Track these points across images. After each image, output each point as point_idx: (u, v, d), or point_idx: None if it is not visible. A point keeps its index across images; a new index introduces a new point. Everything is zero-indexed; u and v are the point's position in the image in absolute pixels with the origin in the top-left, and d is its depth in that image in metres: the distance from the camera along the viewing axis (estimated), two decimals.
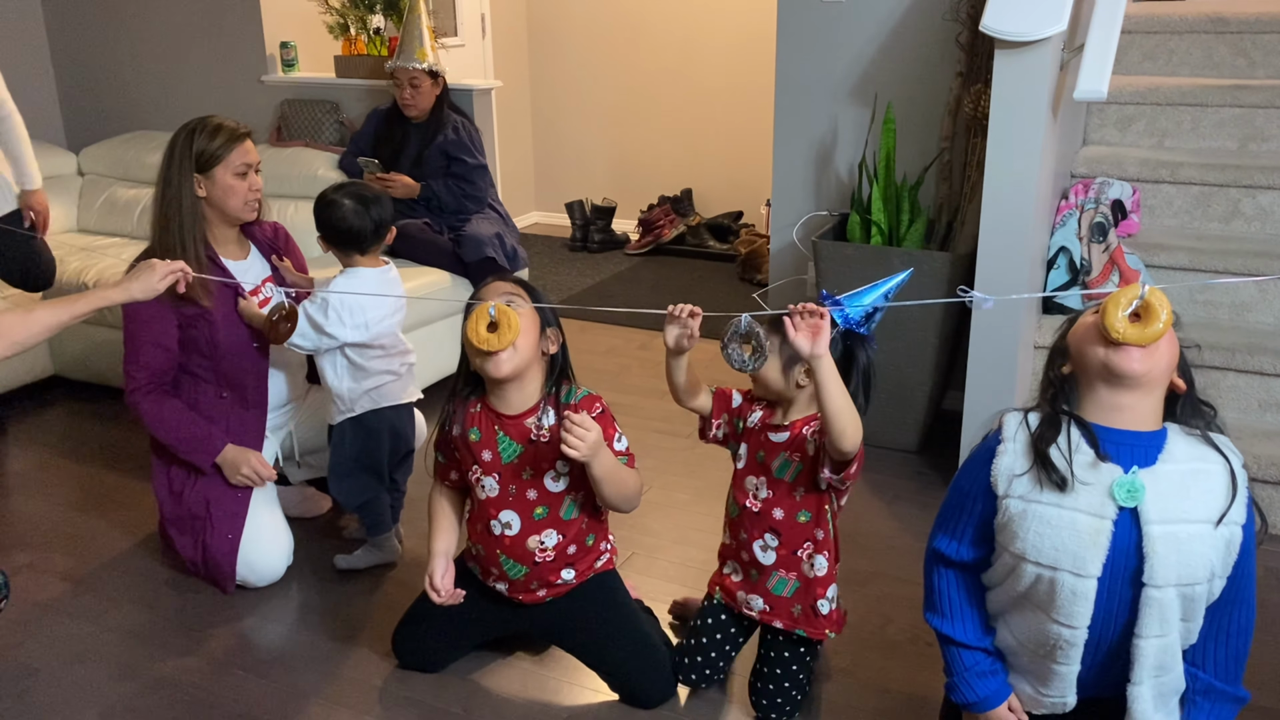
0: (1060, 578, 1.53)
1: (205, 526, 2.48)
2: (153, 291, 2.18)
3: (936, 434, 3.27)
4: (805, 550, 2.00)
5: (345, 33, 4.32)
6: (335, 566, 2.60)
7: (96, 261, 3.67)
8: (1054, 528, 1.53)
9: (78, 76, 4.81)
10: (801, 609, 2.03)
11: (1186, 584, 1.49)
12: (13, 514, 2.92)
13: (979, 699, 1.69)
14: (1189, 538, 1.48)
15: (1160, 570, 1.49)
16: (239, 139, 2.48)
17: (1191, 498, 1.50)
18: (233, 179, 2.47)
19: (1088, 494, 1.51)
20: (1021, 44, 2.58)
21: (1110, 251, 2.99)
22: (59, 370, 3.77)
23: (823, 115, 3.47)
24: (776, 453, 1.98)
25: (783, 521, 2.00)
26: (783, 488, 1.98)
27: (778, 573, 2.02)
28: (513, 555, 2.09)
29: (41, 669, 2.25)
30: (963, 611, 1.71)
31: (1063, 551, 1.52)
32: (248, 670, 2.24)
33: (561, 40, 6.06)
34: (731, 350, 1.86)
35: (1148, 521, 1.49)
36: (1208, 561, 1.49)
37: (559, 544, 2.08)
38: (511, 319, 1.92)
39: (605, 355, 4.08)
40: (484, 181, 3.82)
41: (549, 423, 2.03)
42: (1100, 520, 1.50)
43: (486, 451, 2.06)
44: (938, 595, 1.73)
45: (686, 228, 5.60)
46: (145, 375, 2.47)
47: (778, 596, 2.03)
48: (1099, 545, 1.50)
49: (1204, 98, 3.34)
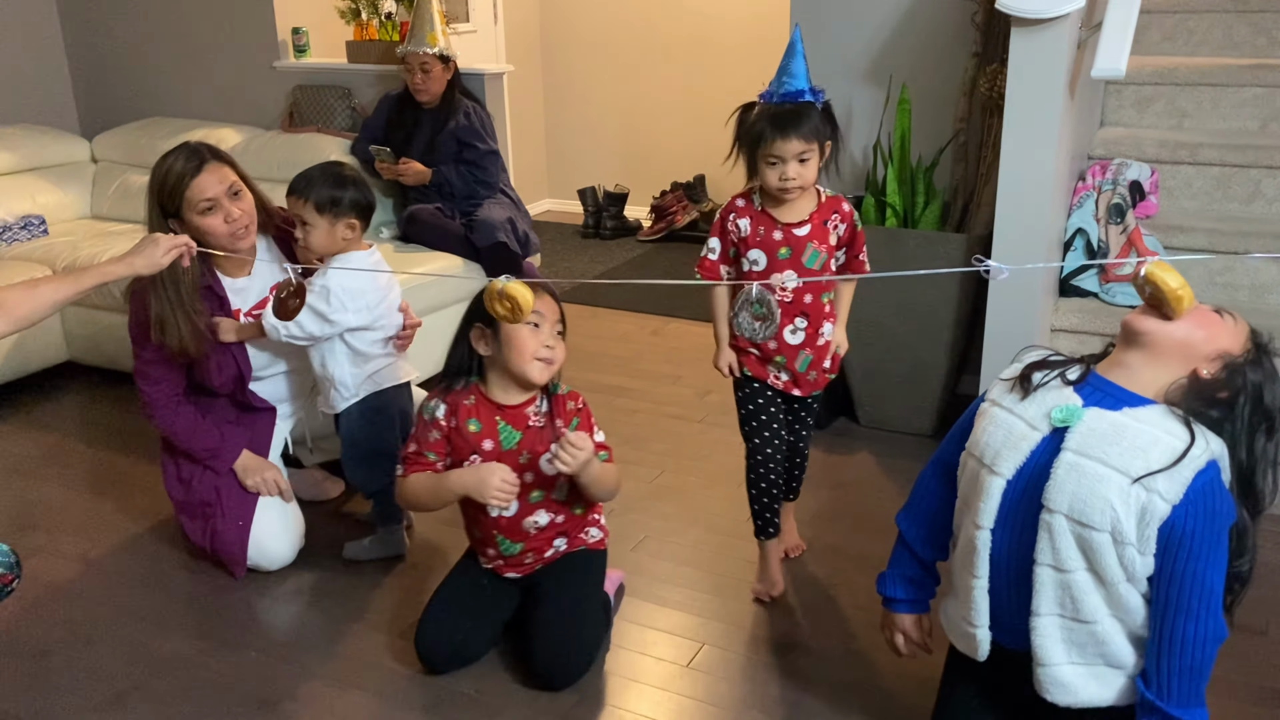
0: (981, 472, 1.61)
1: (215, 513, 2.48)
2: (156, 266, 2.17)
3: (952, 418, 3.21)
4: (818, 326, 2.22)
5: (357, 18, 4.30)
6: (343, 556, 2.58)
7: (109, 247, 3.67)
8: (996, 426, 1.62)
9: (91, 64, 4.81)
10: (816, 374, 2.28)
11: (1080, 521, 1.50)
12: (27, 497, 2.93)
13: (890, 596, 1.86)
14: (1094, 476, 1.49)
15: (1054, 493, 1.52)
16: (197, 170, 2.32)
17: (1119, 445, 1.49)
18: (199, 218, 2.33)
19: (1035, 406, 1.60)
20: (1038, 21, 2.54)
21: (1128, 233, 2.96)
22: (73, 355, 3.77)
23: (837, 97, 3.41)
24: (804, 245, 2.16)
25: (811, 305, 2.20)
26: (811, 274, 2.16)
27: (803, 352, 2.22)
28: (509, 535, 2.13)
29: (54, 650, 2.25)
30: (923, 517, 1.83)
31: (988, 448, 1.61)
32: (260, 652, 2.24)
33: (574, 26, 6.04)
34: (742, 319, 2.05)
35: (1066, 448, 1.52)
36: (1109, 509, 1.47)
37: (552, 521, 2.14)
38: (523, 293, 1.90)
39: (618, 340, 4.06)
40: (495, 166, 3.81)
41: (544, 410, 2.10)
42: (1031, 430, 1.58)
43: (487, 441, 2.07)
44: (914, 493, 1.86)
45: (700, 214, 5.57)
46: (157, 391, 2.47)
47: (800, 373, 2.25)
48: (1019, 450, 1.57)
49: (1224, 77, 3.29)
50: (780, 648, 2.23)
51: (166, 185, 2.33)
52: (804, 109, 2.09)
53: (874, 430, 3.24)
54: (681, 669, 2.17)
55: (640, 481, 2.92)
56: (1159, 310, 1.53)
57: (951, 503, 1.76)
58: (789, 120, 2.07)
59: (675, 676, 2.14)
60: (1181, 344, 1.53)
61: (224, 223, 2.36)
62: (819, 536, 2.65)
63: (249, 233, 2.43)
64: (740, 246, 2.22)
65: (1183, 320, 1.53)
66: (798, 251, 2.15)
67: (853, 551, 2.57)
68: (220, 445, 2.50)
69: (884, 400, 3.23)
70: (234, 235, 2.39)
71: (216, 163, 2.38)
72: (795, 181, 2.09)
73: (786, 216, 2.17)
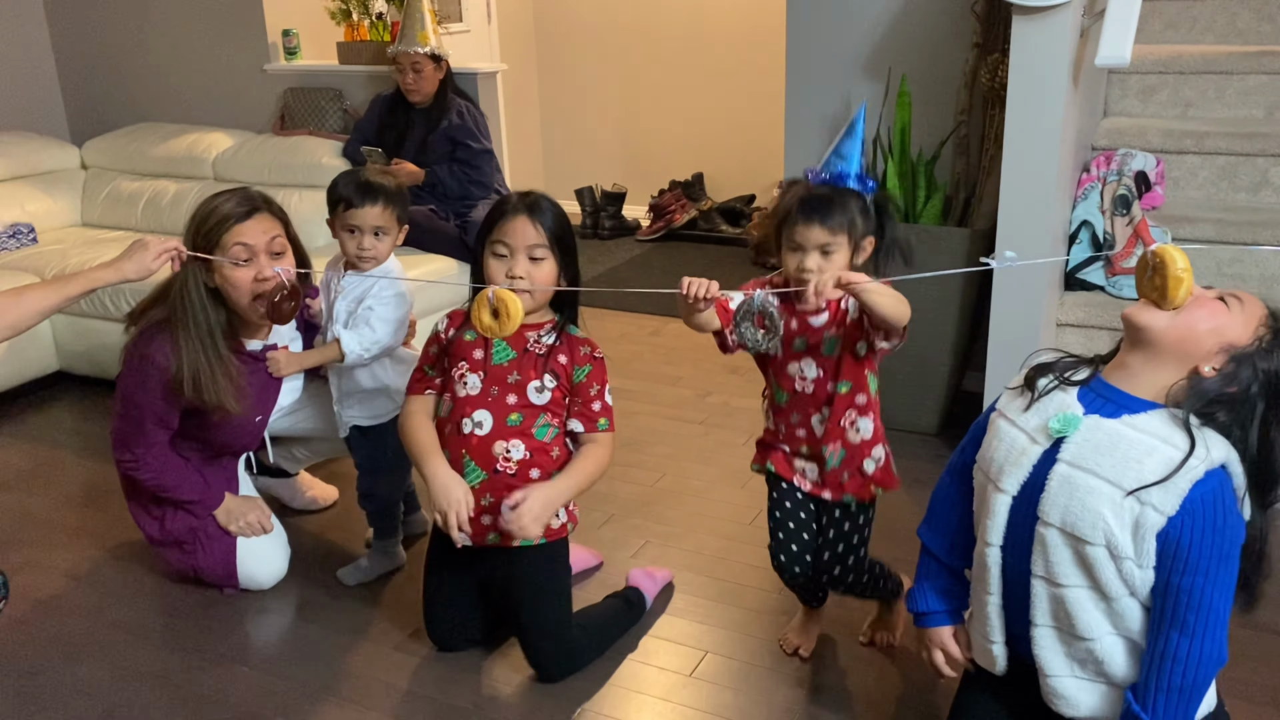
0: (987, 488, 1.57)
1: (195, 550, 2.38)
2: (146, 271, 2.11)
3: (957, 416, 3.19)
4: (848, 419, 1.98)
5: (347, 18, 4.26)
6: (343, 582, 2.47)
7: (99, 254, 3.62)
8: (1000, 439, 1.58)
9: (80, 70, 4.76)
10: (849, 474, 2.01)
11: (1074, 534, 1.45)
12: (16, 510, 2.88)
13: (925, 610, 1.75)
14: (1086, 489, 1.44)
15: (1048, 505, 1.48)
16: (246, 215, 2.13)
17: (1113, 455, 1.44)
18: (230, 270, 2.13)
19: (1036, 417, 1.54)
20: (1040, 10, 2.49)
21: (1134, 224, 2.90)
22: (64, 366, 3.72)
23: (835, 91, 3.38)
24: (820, 334, 1.96)
25: (832, 394, 1.98)
26: (830, 363, 1.96)
27: (828, 445, 2.00)
28: (476, 457, 2.02)
29: (43, 668, 2.20)
30: (946, 527, 1.75)
31: (993, 463, 1.57)
32: (252, 667, 2.19)
33: (569, 24, 5.98)
34: (745, 329, 1.85)
35: (1060, 459, 1.48)
36: (1100, 521, 1.43)
37: (523, 459, 2.02)
38: (513, 305, 1.90)
39: (616, 342, 4.01)
40: (489, 166, 3.76)
41: (548, 340, 2.04)
42: (1032, 444, 1.53)
43: (478, 350, 2.04)
44: (932, 505, 1.79)
45: (698, 212, 5.52)
46: (143, 451, 2.26)
47: (829, 470, 2.01)
48: (1020, 466, 1.53)
49: (1229, 65, 3.23)
50: (785, 654, 2.17)
51: (206, 224, 2.14)
52: (841, 196, 1.86)
53: None
54: (685, 679, 2.11)
55: (640, 485, 2.87)
56: (1156, 298, 1.46)
57: (971, 509, 1.71)
58: (819, 205, 1.84)
59: (678, 686, 2.09)
60: (1180, 340, 1.45)
61: (252, 279, 2.16)
62: None
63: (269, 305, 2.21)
64: None
65: (1182, 313, 1.45)
66: (814, 343, 1.96)
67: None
68: (204, 495, 2.36)
69: (888, 398, 3.15)
70: (256, 296, 2.18)
71: (263, 211, 2.19)
72: (813, 274, 1.83)
73: (808, 303, 1.95)
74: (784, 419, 2.04)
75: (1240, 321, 1.46)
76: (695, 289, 1.81)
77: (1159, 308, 1.46)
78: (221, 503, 2.40)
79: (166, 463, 2.31)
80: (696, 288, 1.81)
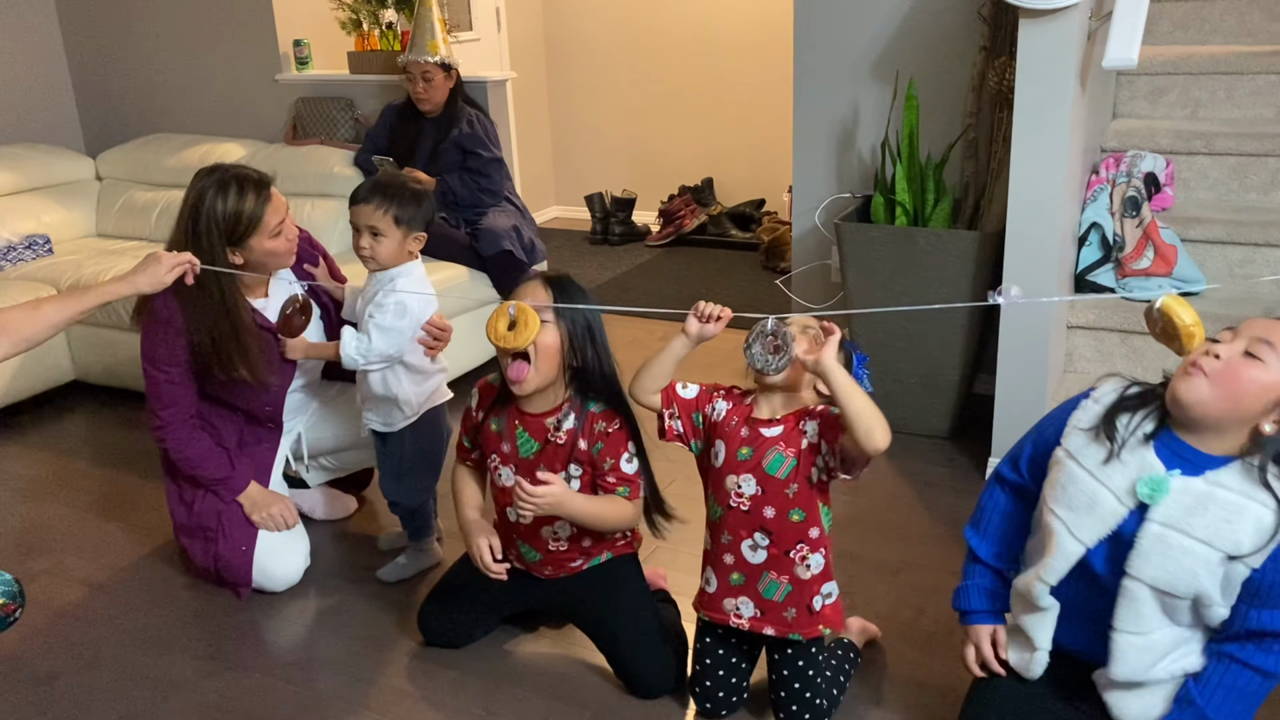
0: (1060, 532, 1.59)
1: (218, 537, 2.44)
2: (160, 284, 2.14)
3: (968, 419, 3.19)
4: (799, 551, 1.87)
5: (358, 28, 4.28)
6: (382, 580, 2.51)
7: (114, 265, 3.65)
8: (1079, 489, 1.58)
9: (94, 82, 4.80)
10: (796, 612, 1.90)
11: (1165, 591, 1.51)
12: (33, 519, 2.91)
13: (969, 609, 1.78)
14: (1181, 549, 1.49)
15: (1138, 563, 1.51)
16: (267, 199, 2.29)
17: (1205, 517, 1.48)
18: (270, 242, 2.31)
19: (1120, 476, 1.55)
20: (1047, 12, 2.49)
21: (1144, 226, 2.89)
22: (79, 375, 3.76)
23: (843, 95, 3.39)
24: (768, 448, 1.83)
25: (774, 520, 1.85)
26: (774, 484, 1.83)
27: (769, 574, 1.88)
28: (528, 541, 2.10)
29: (59, 675, 2.22)
30: (994, 532, 1.79)
31: (1073, 513, 1.58)
32: (266, 674, 2.20)
33: (578, 32, 6.00)
34: (755, 350, 1.79)
35: (1151, 519, 1.51)
36: (1195, 580, 1.49)
37: (573, 535, 2.09)
38: (530, 318, 1.90)
39: (627, 348, 4.01)
40: (499, 174, 3.77)
41: (568, 426, 2.01)
42: (1118, 506, 1.54)
43: (505, 444, 2.07)
44: (981, 510, 1.81)
45: (708, 217, 5.53)
46: (169, 414, 2.39)
47: (769, 600, 1.89)
48: (1105, 523, 1.55)
49: (1239, 65, 3.22)
50: None
51: (239, 217, 2.26)
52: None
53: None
54: None
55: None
56: (1166, 343, 1.51)
57: (1020, 528, 1.76)
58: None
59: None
60: (1230, 411, 1.48)
61: (286, 240, 2.36)
62: (834, 543, 2.58)
63: (296, 247, 2.44)
64: (711, 431, 1.93)
65: (1222, 385, 1.47)
66: (759, 454, 1.84)
67: (870, 558, 2.52)
68: (230, 475, 2.45)
69: (898, 402, 3.17)
70: (291, 253, 2.40)
71: (273, 186, 2.34)
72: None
73: (764, 411, 1.87)
74: (715, 536, 1.93)
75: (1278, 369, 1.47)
76: (708, 308, 1.82)
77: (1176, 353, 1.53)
78: (247, 487, 2.46)
79: (191, 434, 2.42)
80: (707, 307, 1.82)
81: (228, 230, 2.26)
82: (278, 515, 2.47)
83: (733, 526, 1.89)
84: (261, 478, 2.53)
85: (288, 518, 2.49)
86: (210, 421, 2.48)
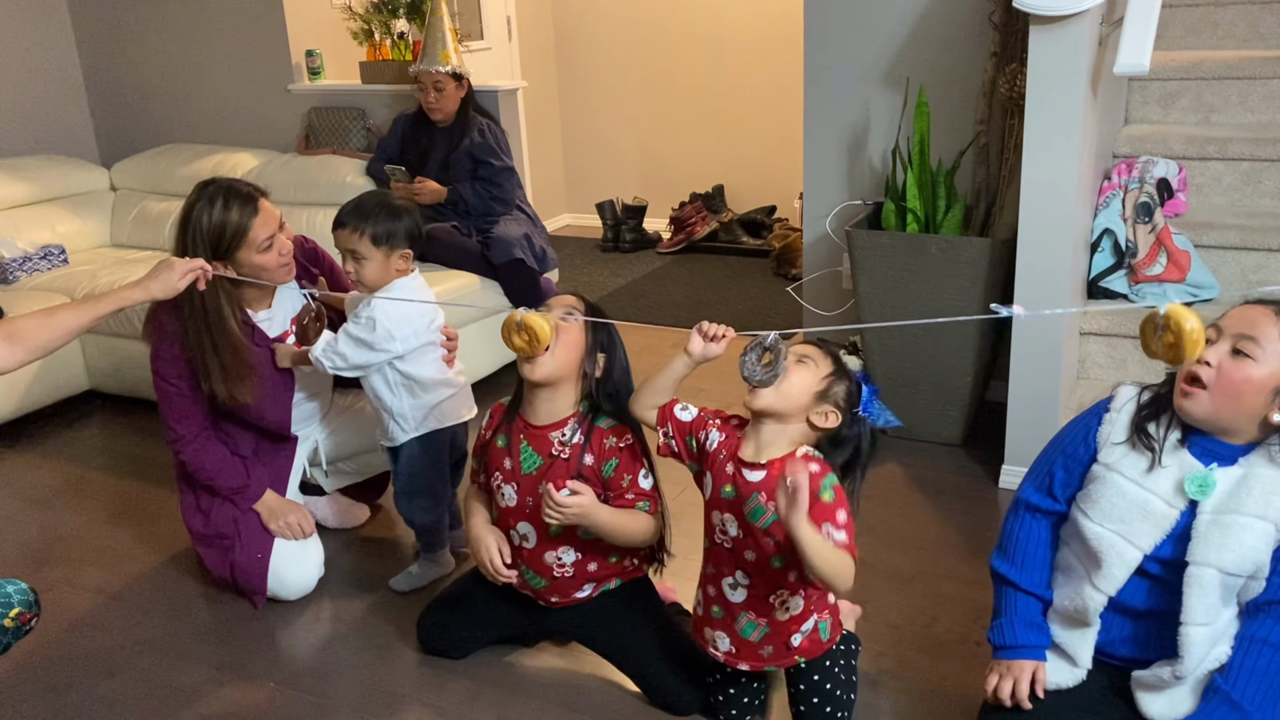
0: (1114, 542, 1.60)
1: (234, 545, 2.45)
2: (173, 290, 2.16)
3: (981, 426, 3.18)
4: (778, 596, 1.83)
5: (370, 39, 4.30)
6: (394, 590, 2.51)
7: (128, 274, 3.67)
8: (1128, 500, 1.60)
9: (108, 93, 4.84)
10: (772, 649, 1.87)
11: (1230, 572, 1.53)
12: (48, 528, 2.92)
13: (1017, 644, 1.71)
14: (1238, 527, 1.52)
15: (1201, 549, 1.54)
16: (255, 211, 2.29)
17: (1250, 495, 1.53)
18: (259, 256, 2.31)
19: (1165, 479, 1.58)
20: (1057, 19, 2.49)
21: (1157, 232, 2.88)
22: (94, 384, 3.78)
23: (853, 102, 3.39)
24: (750, 493, 1.78)
25: (754, 564, 1.81)
26: (755, 531, 1.79)
27: (746, 614, 1.86)
28: (532, 566, 2.07)
29: (74, 684, 2.23)
30: (1035, 561, 1.74)
31: (1125, 523, 1.60)
32: (280, 683, 2.21)
33: (588, 40, 6.02)
34: (748, 359, 1.76)
35: (1203, 512, 1.56)
36: (1255, 554, 1.52)
37: (578, 561, 2.05)
38: (540, 329, 1.88)
39: (638, 355, 3.99)
40: (511, 183, 3.78)
41: (573, 440, 2.01)
42: (1170, 508, 1.58)
43: (508, 459, 2.05)
44: (1009, 539, 1.77)
45: (719, 224, 5.53)
46: (183, 427, 2.41)
47: (745, 640, 1.87)
48: (1160, 527, 1.58)
49: (1251, 70, 3.21)
50: None
51: (225, 230, 2.27)
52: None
53: (901, 440, 3.18)
54: None
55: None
56: (1170, 356, 1.51)
57: (1051, 550, 1.76)
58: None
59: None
60: (1236, 413, 1.54)
61: (278, 256, 2.35)
62: None
63: (293, 263, 2.43)
64: (702, 459, 1.90)
65: (1219, 390, 1.53)
66: (742, 497, 1.80)
67: (884, 568, 2.51)
68: (245, 484, 2.47)
69: (911, 410, 3.16)
70: (283, 267, 2.38)
71: (264, 199, 2.34)
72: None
73: (749, 449, 1.81)
74: (704, 563, 1.92)
75: (1271, 361, 1.51)
76: (712, 328, 1.81)
77: (1170, 364, 1.54)
78: (263, 496, 2.47)
79: (206, 445, 2.43)
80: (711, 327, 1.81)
81: (213, 242, 2.27)
82: (295, 524, 2.48)
83: (716, 561, 1.89)
84: (278, 486, 2.54)
85: (305, 526, 2.50)
86: (225, 430, 2.50)
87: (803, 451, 1.78)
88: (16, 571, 2.63)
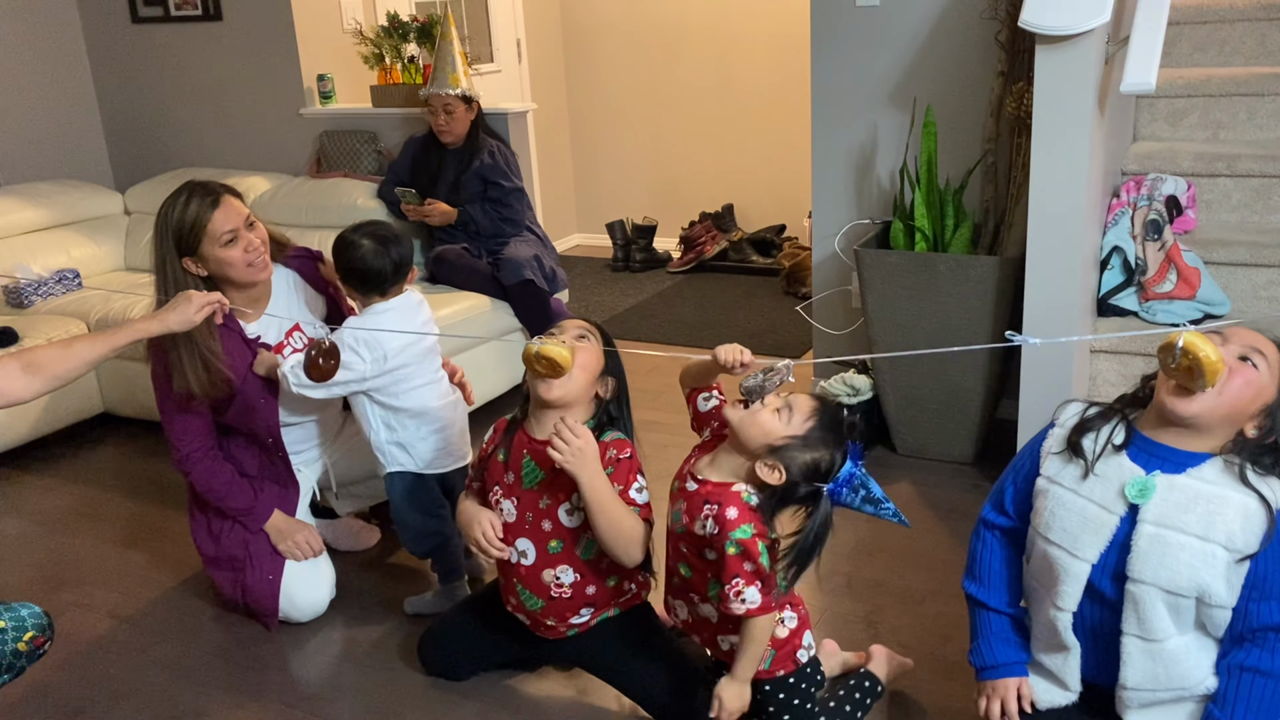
0: (1061, 557, 1.61)
1: (245, 567, 2.45)
2: (189, 323, 2.17)
3: (992, 444, 3.17)
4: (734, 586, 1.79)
5: (380, 62, 4.34)
6: (405, 610, 2.51)
7: (142, 298, 3.70)
8: (1067, 510, 1.62)
9: (123, 118, 4.89)
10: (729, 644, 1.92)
11: (1169, 590, 1.52)
12: (62, 551, 2.94)
13: (996, 663, 1.74)
14: (1177, 545, 1.52)
15: (1139, 565, 1.54)
16: (214, 204, 2.31)
17: (1194, 513, 1.52)
18: (221, 250, 2.32)
19: (1102, 487, 1.60)
20: (1063, 38, 2.49)
21: (1166, 249, 2.88)
22: (108, 408, 3.80)
23: (861, 122, 3.40)
24: (676, 500, 1.89)
25: (695, 582, 1.92)
26: (672, 532, 1.87)
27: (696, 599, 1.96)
28: (529, 586, 2.05)
29: (87, 707, 2.24)
30: (997, 578, 1.78)
31: (1068, 534, 1.61)
32: (291, 705, 2.21)
33: (598, 62, 6.06)
34: (755, 378, 1.77)
35: (1143, 520, 1.55)
36: (1195, 575, 1.51)
37: (576, 582, 2.03)
38: (559, 357, 1.88)
39: (648, 374, 4.02)
40: (521, 204, 3.80)
41: None
42: (1108, 514, 1.58)
43: (509, 474, 2.05)
44: (973, 559, 1.81)
45: (729, 243, 5.54)
46: (188, 445, 2.43)
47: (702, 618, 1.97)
48: (1100, 535, 1.58)
49: (1260, 86, 3.21)
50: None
51: (185, 224, 2.29)
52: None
53: (912, 459, 3.17)
54: None
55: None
56: (1185, 380, 1.51)
57: (1018, 568, 1.77)
58: None
59: None
60: (1229, 415, 1.55)
61: (244, 253, 2.34)
62: (859, 571, 2.58)
63: (266, 264, 2.41)
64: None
65: (1225, 392, 1.53)
66: (673, 500, 1.92)
67: (895, 586, 2.50)
68: (254, 505, 2.47)
69: (921, 428, 3.16)
70: (252, 265, 2.37)
71: (229, 195, 2.36)
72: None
73: (704, 461, 1.89)
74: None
75: (1271, 376, 1.56)
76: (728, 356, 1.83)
77: (1188, 389, 1.53)
78: (271, 517, 2.48)
79: (213, 466, 2.44)
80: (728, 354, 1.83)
81: (177, 238, 2.31)
82: (303, 543, 2.48)
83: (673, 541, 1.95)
84: (287, 507, 2.55)
85: (314, 544, 2.50)
86: (229, 452, 2.50)
87: (738, 488, 1.81)
88: (30, 595, 2.64)
